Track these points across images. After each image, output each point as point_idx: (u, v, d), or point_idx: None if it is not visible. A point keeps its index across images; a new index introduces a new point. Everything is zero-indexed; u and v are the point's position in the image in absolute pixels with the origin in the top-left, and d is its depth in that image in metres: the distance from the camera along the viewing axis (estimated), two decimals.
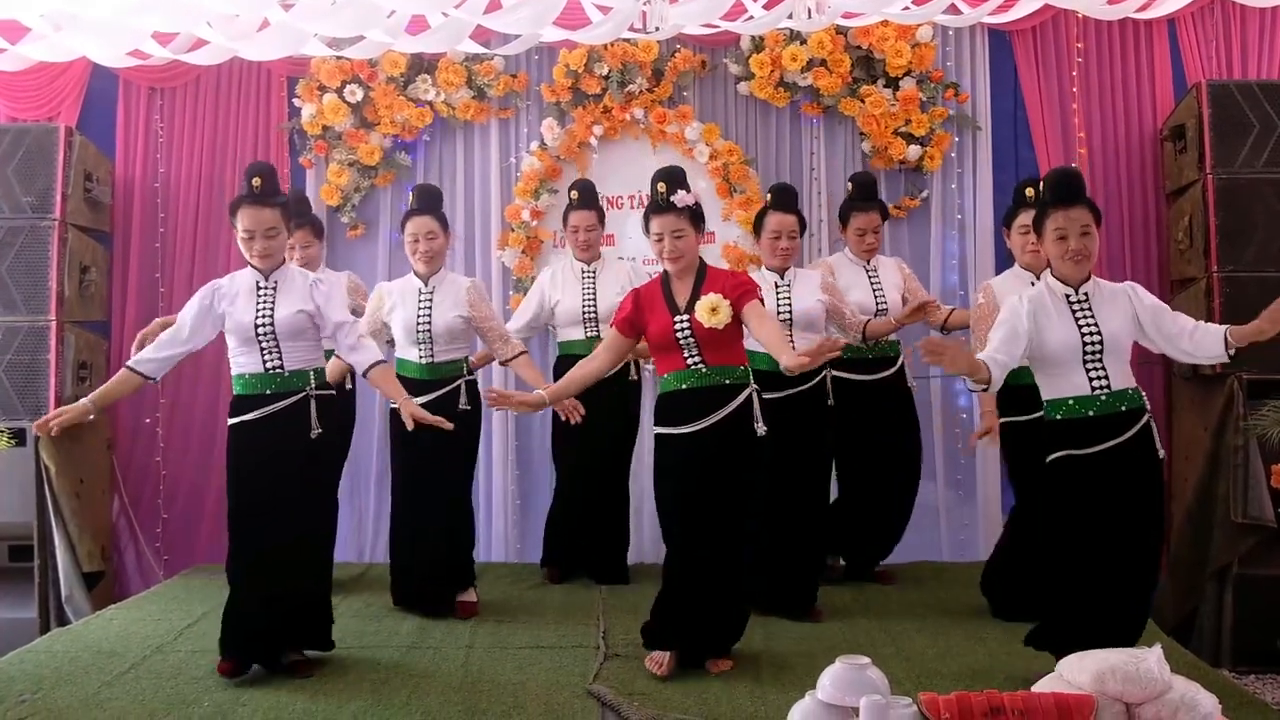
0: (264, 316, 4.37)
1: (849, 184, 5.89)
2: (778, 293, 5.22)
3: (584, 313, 5.75)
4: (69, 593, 5.99)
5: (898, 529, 5.84)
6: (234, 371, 4.46)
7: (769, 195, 5.42)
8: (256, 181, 4.38)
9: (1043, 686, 3.17)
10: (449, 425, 4.54)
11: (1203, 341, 3.98)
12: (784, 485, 5.00)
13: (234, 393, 4.45)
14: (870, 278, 5.72)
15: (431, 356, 5.21)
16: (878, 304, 5.66)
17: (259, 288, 4.43)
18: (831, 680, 3.03)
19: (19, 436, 5.81)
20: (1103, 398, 3.97)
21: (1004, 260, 5.92)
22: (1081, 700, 2.98)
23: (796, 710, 3.06)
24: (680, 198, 4.37)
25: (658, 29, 6.14)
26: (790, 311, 5.18)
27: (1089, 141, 6.53)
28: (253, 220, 4.37)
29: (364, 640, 4.96)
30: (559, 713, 4.02)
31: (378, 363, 4.50)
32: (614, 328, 4.55)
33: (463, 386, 5.25)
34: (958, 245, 6.69)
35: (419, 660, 4.67)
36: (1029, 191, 5.15)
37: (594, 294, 5.76)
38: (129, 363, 4.51)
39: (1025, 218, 5.00)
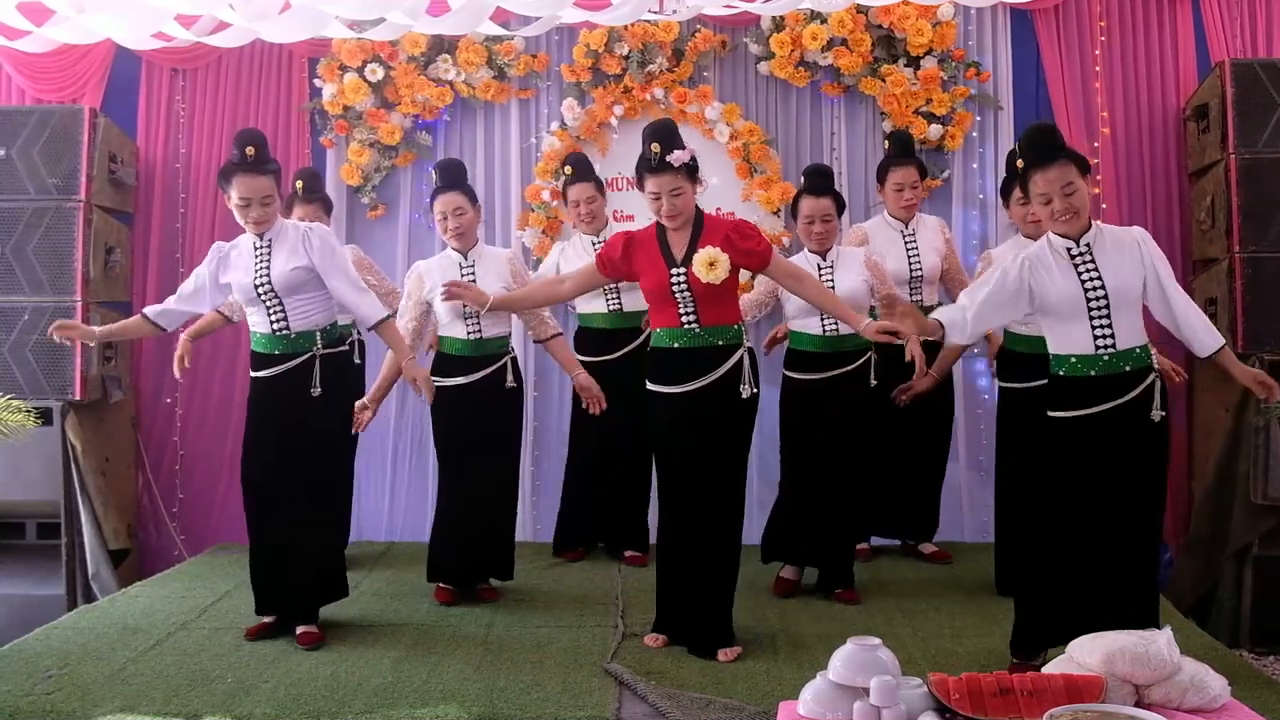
0: (262, 275, 4.47)
1: (886, 141, 5.82)
2: (820, 275, 5.05)
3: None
4: (95, 570, 6.06)
5: (932, 503, 5.89)
6: (250, 328, 4.61)
7: (802, 178, 5.27)
8: (250, 150, 4.41)
9: (1053, 668, 3.18)
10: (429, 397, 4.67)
11: (1191, 330, 3.93)
12: (826, 466, 5.01)
13: (251, 347, 4.62)
14: (906, 242, 5.62)
15: (479, 332, 5.10)
16: (911, 271, 5.58)
17: (256, 248, 4.52)
18: (842, 661, 3.04)
19: (45, 415, 5.85)
20: (1105, 357, 3.87)
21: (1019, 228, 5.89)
22: (1090, 681, 2.99)
23: (807, 690, 3.08)
24: (676, 157, 4.28)
25: (675, 11, 6.13)
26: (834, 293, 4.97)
27: (1111, 120, 6.50)
28: (247, 188, 4.42)
29: (385, 618, 5.02)
30: (576, 690, 4.05)
31: (385, 318, 4.57)
32: (595, 263, 4.52)
33: (508, 364, 5.19)
34: (978, 225, 6.67)
35: (439, 637, 4.72)
36: (1020, 163, 5.08)
37: None
38: (145, 309, 4.73)
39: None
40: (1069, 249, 3.95)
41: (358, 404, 4.83)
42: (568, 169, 5.79)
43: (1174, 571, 6.04)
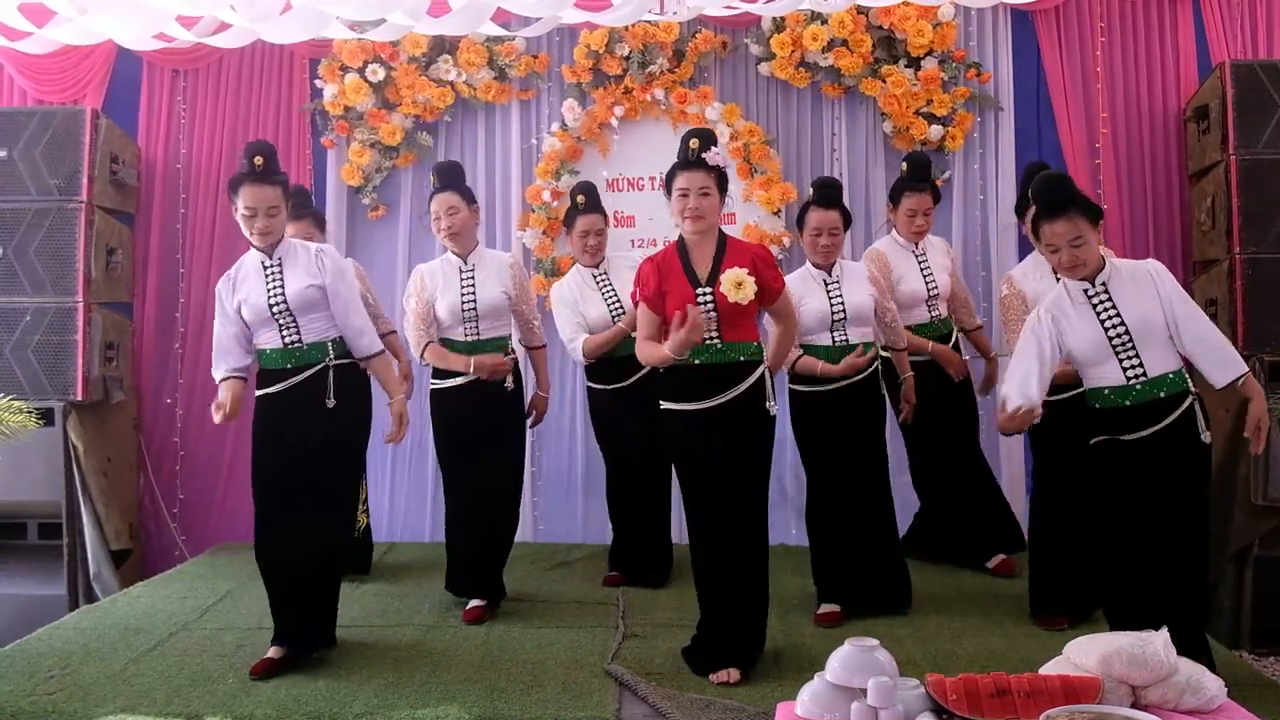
0: (276, 295, 4.40)
1: (903, 164, 5.79)
2: (828, 290, 5.02)
3: (613, 316, 5.52)
4: (97, 570, 6.08)
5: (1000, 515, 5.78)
6: (257, 345, 4.50)
7: (811, 190, 5.22)
8: (258, 160, 4.40)
9: (1050, 669, 3.18)
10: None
11: (1208, 361, 3.90)
12: (845, 478, 4.95)
13: (259, 366, 4.51)
14: (920, 263, 5.64)
15: (477, 335, 5.11)
16: (929, 290, 5.59)
17: (265, 267, 4.45)
18: (840, 662, 3.04)
19: (47, 416, 5.85)
20: (1138, 387, 3.90)
21: (1025, 241, 5.87)
22: (1087, 682, 2.99)
23: (805, 691, 3.08)
24: (711, 155, 4.27)
25: (675, 13, 6.14)
26: (844, 308, 4.99)
27: (1112, 121, 6.50)
28: (254, 198, 4.37)
29: (386, 619, 5.04)
30: (577, 691, 4.06)
31: (377, 353, 4.54)
32: (644, 304, 4.32)
33: (508, 365, 5.15)
34: (979, 226, 6.66)
35: (439, 639, 4.73)
36: (1031, 213, 5.05)
37: (615, 295, 5.54)
38: (229, 376, 4.52)
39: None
40: (1085, 290, 3.99)
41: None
42: (580, 198, 5.65)
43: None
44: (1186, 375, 3.98)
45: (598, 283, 5.60)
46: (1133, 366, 3.91)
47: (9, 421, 4.59)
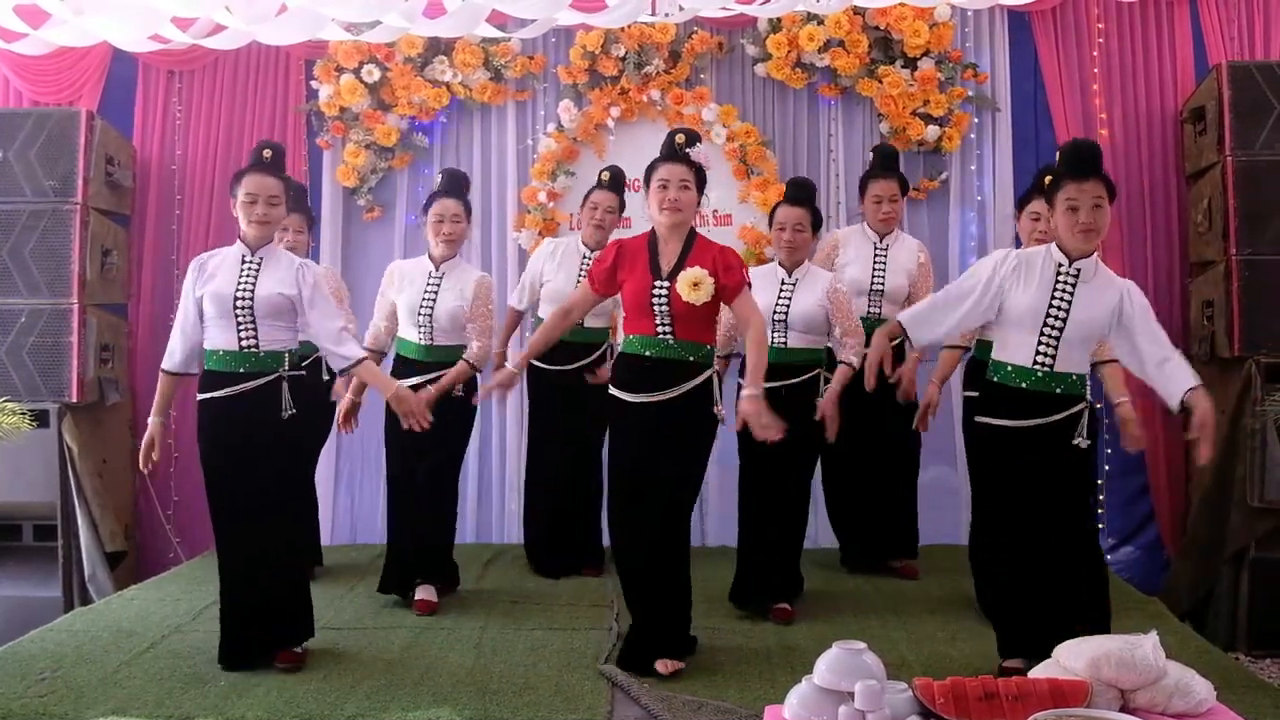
0: (245, 290, 4.32)
1: (870, 154, 5.85)
2: (781, 290, 5.10)
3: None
4: (92, 572, 6.07)
5: (906, 519, 5.80)
6: (207, 346, 4.39)
7: (785, 188, 5.32)
8: (267, 153, 4.43)
9: (1039, 672, 3.18)
10: (424, 423, 4.55)
11: (1170, 378, 3.86)
12: (765, 477, 5.02)
13: (204, 367, 4.39)
14: (876, 255, 5.61)
15: (430, 340, 5.19)
16: (872, 284, 5.57)
17: (244, 261, 4.39)
18: (827, 665, 3.03)
19: (42, 418, 5.84)
20: (1039, 373, 3.94)
21: (1021, 242, 5.86)
22: (1076, 686, 2.98)
23: (793, 694, 3.07)
24: (695, 152, 4.35)
25: (667, 15, 6.13)
26: (788, 311, 5.05)
27: (1109, 123, 6.48)
28: (257, 185, 4.36)
29: (379, 621, 5.03)
30: (570, 693, 4.05)
31: (360, 360, 4.45)
32: (588, 281, 4.48)
33: None
34: (976, 227, 6.65)
35: (432, 641, 4.72)
36: (1049, 179, 5.04)
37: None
38: (162, 367, 4.49)
39: (1038, 205, 4.98)
40: (1060, 265, 3.98)
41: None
42: (604, 175, 5.79)
43: (1171, 575, 6.04)
44: (1087, 382, 4.01)
45: (583, 262, 5.68)
46: (1045, 354, 3.94)
47: (4, 423, 4.58)
